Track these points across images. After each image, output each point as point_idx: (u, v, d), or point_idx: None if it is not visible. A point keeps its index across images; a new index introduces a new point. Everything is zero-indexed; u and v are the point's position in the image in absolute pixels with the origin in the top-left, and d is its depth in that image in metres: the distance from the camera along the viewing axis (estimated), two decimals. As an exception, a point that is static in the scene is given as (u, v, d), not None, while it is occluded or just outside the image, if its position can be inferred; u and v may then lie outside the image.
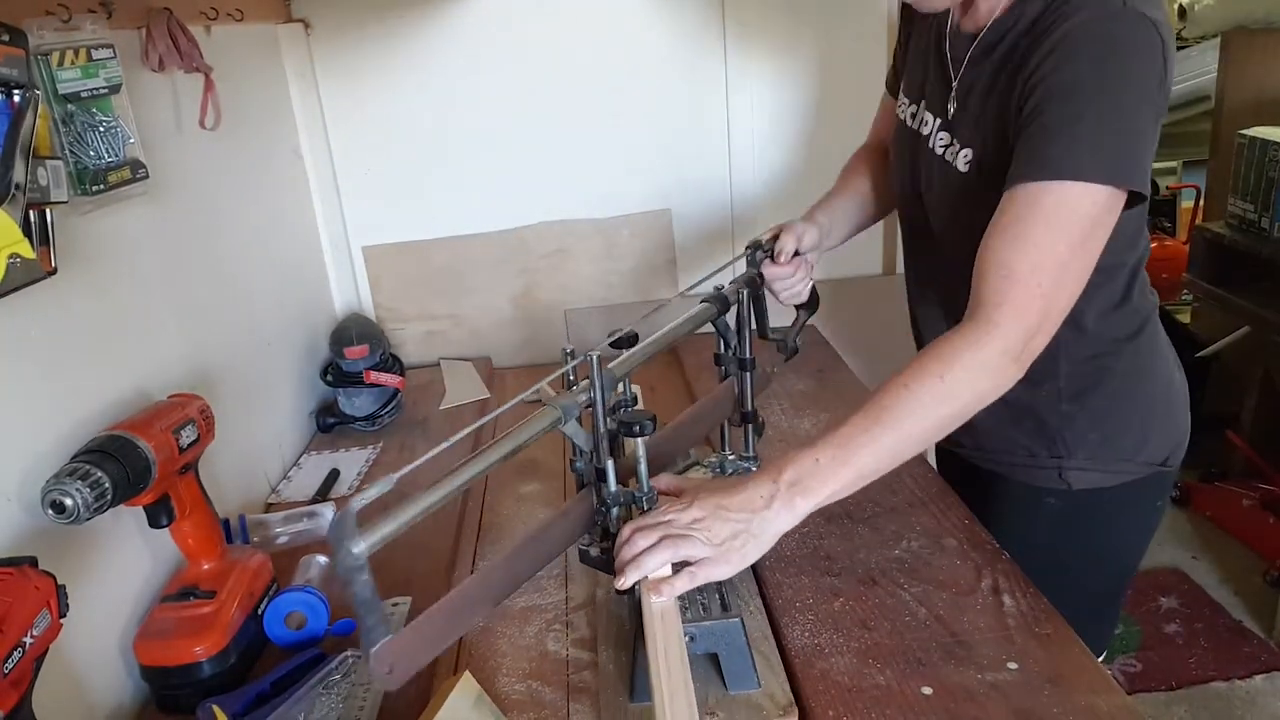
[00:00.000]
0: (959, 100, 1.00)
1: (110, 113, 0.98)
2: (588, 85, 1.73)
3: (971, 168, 0.97)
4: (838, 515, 1.10)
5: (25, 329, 0.85)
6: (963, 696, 0.80)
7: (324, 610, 0.98)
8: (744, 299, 1.03)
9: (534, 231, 1.81)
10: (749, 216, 1.84)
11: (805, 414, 1.40)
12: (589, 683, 0.88)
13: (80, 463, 0.79)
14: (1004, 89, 0.92)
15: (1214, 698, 2.01)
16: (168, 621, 0.91)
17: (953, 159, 1.00)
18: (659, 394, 1.56)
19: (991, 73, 0.95)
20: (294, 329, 1.55)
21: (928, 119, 1.05)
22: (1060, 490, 1.09)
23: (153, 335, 1.08)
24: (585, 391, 0.85)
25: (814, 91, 1.78)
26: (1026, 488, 1.11)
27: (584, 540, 0.93)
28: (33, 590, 0.67)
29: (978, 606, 0.92)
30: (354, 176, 1.74)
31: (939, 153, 1.02)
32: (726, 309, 1.02)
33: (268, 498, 1.34)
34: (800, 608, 0.94)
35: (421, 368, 1.81)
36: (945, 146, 1.01)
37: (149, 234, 1.09)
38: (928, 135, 1.05)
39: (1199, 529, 2.59)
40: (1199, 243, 2.46)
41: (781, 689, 0.83)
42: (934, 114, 1.04)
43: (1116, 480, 1.07)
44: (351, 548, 0.67)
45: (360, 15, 1.64)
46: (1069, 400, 1.05)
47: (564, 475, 1.30)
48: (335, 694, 0.88)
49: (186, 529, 0.94)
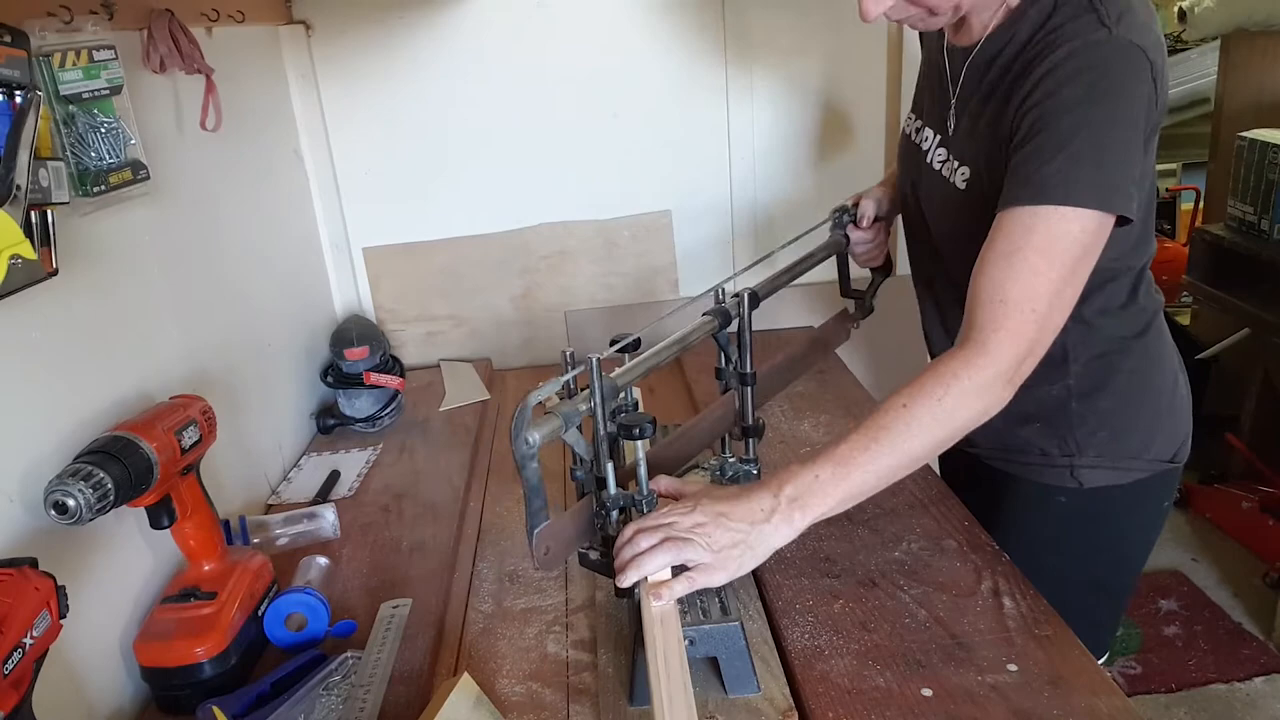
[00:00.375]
0: (956, 118, 1.02)
1: (111, 114, 0.98)
2: (588, 86, 1.73)
3: (968, 185, 0.99)
4: (838, 517, 1.09)
5: (27, 330, 0.85)
6: (963, 698, 0.80)
7: (324, 612, 0.98)
8: (745, 312, 1.02)
9: (534, 233, 1.81)
10: (749, 217, 1.84)
11: (805, 416, 1.40)
12: (589, 685, 0.88)
13: (83, 463, 0.79)
14: (996, 113, 0.94)
15: (1214, 700, 2.01)
16: (168, 622, 0.91)
17: (950, 175, 1.02)
18: (658, 396, 1.56)
19: (985, 95, 0.97)
20: (294, 330, 1.55)
21: (928, 135, 1.08)
22: (1071, 489, 1.09)
23: (154, 336, 1.09)
24: (585, 401, 0.85)
25: (814, 92, 1.78)
26: (1037, 486, 1.12)
27: (584, 543, 0.93)
28: (33, 591, 0.67)
29: (978, 608, 0.92)
30: (355, 178, 1.74)
31: (937, 168, 1.05)
32: (728, 323, 1.02)
33: (268, 499, 1.34)
34: (800, 610, 0.94)
35: (422, 369, 1.81)
36: (943, 163, 1.04)
37: (150, 235, 1.09)
38: (927, 150, 1.08)
39: (1198, 531, 2.59)
40: (1199, 245, 2.46)
41: (781, 692, 0.84)
42: (934, 130, 1.07)
43: (1128, 478, 1.08)
44: (528, 436, 0.78)
45: (361, 17, 1.64)
46: (1079, 399, 1.06)
47: (564, 478, 1.30)
48: (335, 695, 0.88)
49: (188, 530, 0.95)
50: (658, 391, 1.57)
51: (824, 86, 1.78)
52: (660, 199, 1.82)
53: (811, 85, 1.78)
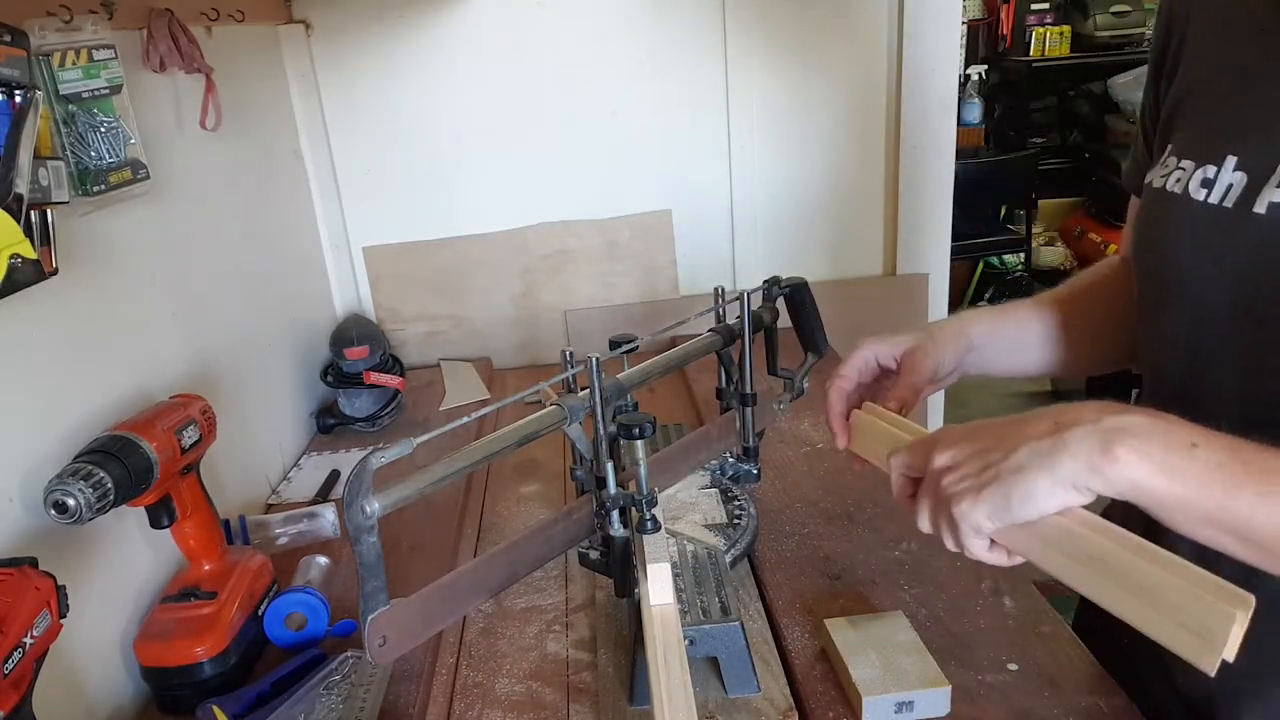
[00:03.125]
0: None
1: (111, 113, 0.98)
2: (588, 85, 1.73)
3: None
4: (838, 516, 1.10)
5: (27, 329, 0.85)
6: (963, 698, 0.80)
7: (324, 611, 0.98)
8: (747, 333, 1.02)
9: (534, 232, 1.81)
10: (749, 217, 1.84)
11: (805, 415, 1.40)
12: (589, 684, 0.88)
13: (83, 463, 0.79)
14: None
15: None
16: (168, 622, 0.91)
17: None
18: (658, 396, 1.56)
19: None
20: (294, 330, 1.55)
21: (1233, 179, 0.64)
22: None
23: (153, 335, 1.09)
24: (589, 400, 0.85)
25: (815, 91, 1.78)
26: None
27: (584, 543, 0.93)
28: (33, 591, 0.67)
29: (978, 607, 0.92)
30: (354, 177, 1.74)
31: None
32: (732, 340, 1.02)
33: (268, 498, 1.34)
34: (800, 610, 0.94)
35: (422, 368, 1.81)
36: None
37: (150, 234, 1.09)
38: (1236, 202, 0.64)
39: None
40: None
41: (782, 692, 0.84)
42: (1246, 167, 0.64)
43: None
44: (365, 505, 0.66)
45: (361, 16, 1.64)
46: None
47: (564, 477, 1.30)
48: (335, 694, 0.88)
49: (187, 529, 0.95)
50: (658, 391, 1.57)
51: (825, 85, 1.78)
52: (660, 198, 1.82)
53: (812, 84, 1.78)
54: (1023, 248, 4.06)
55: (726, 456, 1.12)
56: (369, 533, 0.67)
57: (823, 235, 1.88)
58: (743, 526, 1.05)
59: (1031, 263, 4.19)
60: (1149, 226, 0.73)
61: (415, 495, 0.70)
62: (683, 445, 1.03)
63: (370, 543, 0.67)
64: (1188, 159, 0.68)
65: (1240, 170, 0.64)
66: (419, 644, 0.76)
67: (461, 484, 1.31)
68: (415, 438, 0.69)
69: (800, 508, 1.14)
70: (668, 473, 1.01)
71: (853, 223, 1.88)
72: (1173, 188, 0.69)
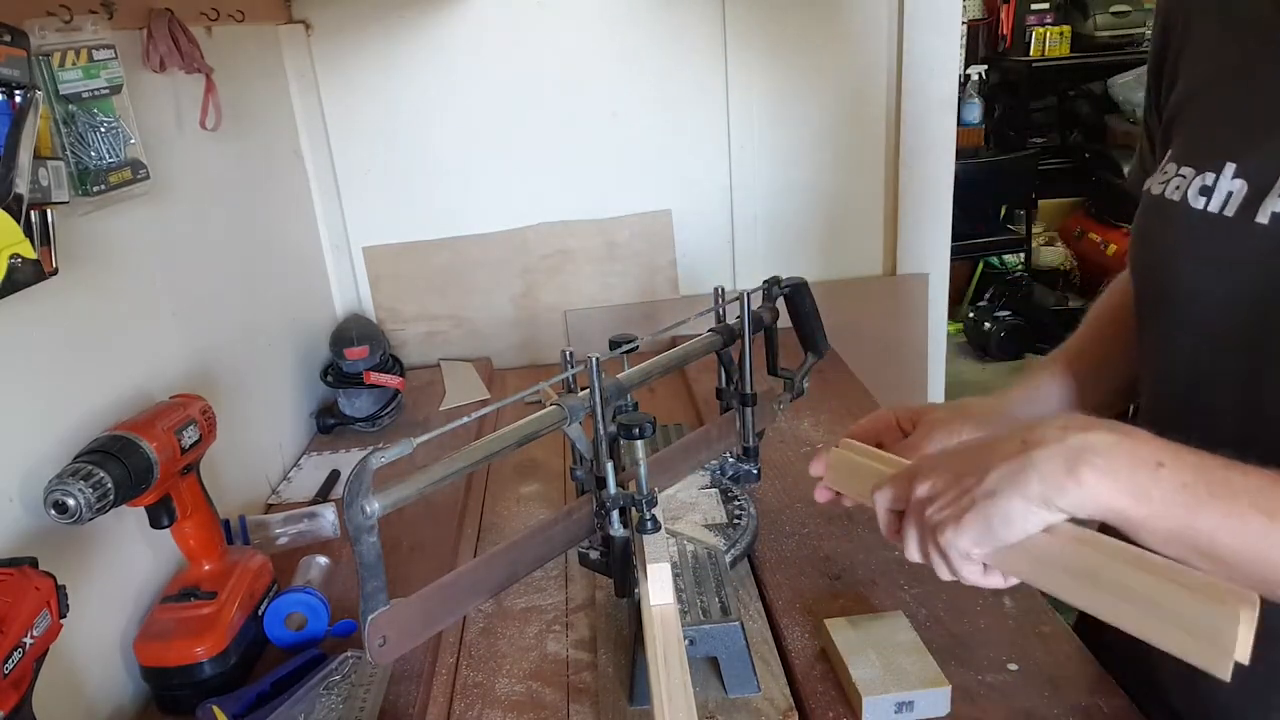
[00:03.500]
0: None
1: (111, 113, 0.98)
2: (588, 85, 1.73)
3: None
4: (838, 516, 1.10)
5: (27, 329, 0.85)
6: (963, 698, 0.80)
7: (324, 611, 0.98)
8: (747, 333, 1.02)
9: (534, 232, 1.81)
10: (749, 217, 1.84)
11: (805, 415, 1.40)
12: (589, 684, 0.89)
13: (83, 463, 0.79)
14: None
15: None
16: (168, 622, 0.91)
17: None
18: (658, 396, 1.56)
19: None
20: (294, 330, 1.55)
21: (1231, 187, 0.64)
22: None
23: (153, 335, 1.09)
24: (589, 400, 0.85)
25: (815, 91, 1.78)
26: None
27: (584, 543, 0.93)
28: (33, 591, 0.67)
29: (977, 607, 0.92)
30: (354, 177, 1.74)
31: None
32: (732, 340, 1.02)
33: (268, 498, 1.34)
34: (800, 610, 0.94)
35: (422, 368, 1.81)
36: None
37: (150, 234, 1.09)
38: (1236, 211, 0.63)
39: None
40: None
41: (782, 693, 0.84)
42: (1245, 174, 0.63)
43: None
44: (365, 505, 0.66)
45: (361, 16, 1.64)
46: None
47: (564, 477, 1.30)
48: (335, 694, 0.88)
49: (188, 529, 0.95)
50: (658, 391, 1.57)
51: (825, 84, 1.78)
52: (660, 198, 1.82)
53: (812, 84, 1.78)
54: (1023, 248, 4.06)
55: (726, 456, 1.12)
56: (369, 533, 0.67)
57: (823, 235, 1.88)
58: (743, 526, 1.05)
59: (1031, 263, 4.18)
60: (1148, 233, 0.73)
61: (415, 495, 0.70)
62: (683, 445, 1.03)
63: (370, 543, 0.67)
64: (1187, 166, 0.67)
65: (1239, 178, 0.63)
66: (419, 644, 0.76)
67: (461, 484, 1.31)
68: (415, 438, 0.69)
69: (800, 508, 1.14)
70: (668, 473, 1.01)
71: (853, 223, 1.88)
72: (1171, 195, 0.68)
